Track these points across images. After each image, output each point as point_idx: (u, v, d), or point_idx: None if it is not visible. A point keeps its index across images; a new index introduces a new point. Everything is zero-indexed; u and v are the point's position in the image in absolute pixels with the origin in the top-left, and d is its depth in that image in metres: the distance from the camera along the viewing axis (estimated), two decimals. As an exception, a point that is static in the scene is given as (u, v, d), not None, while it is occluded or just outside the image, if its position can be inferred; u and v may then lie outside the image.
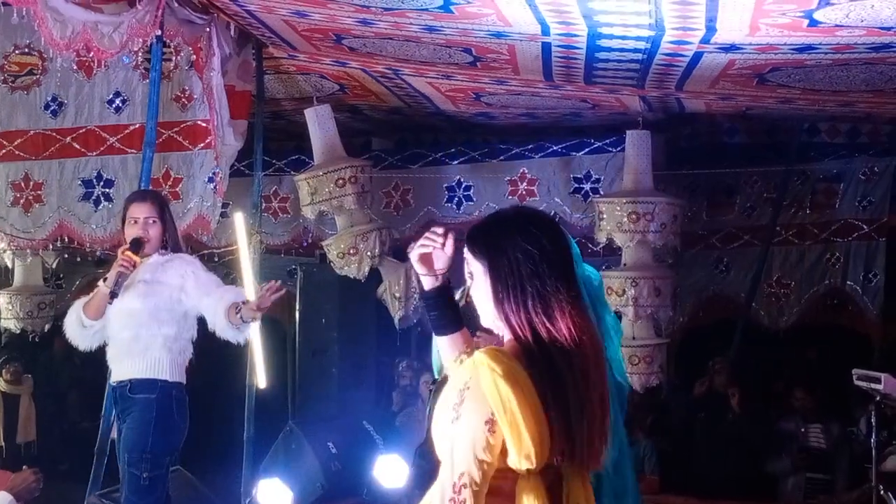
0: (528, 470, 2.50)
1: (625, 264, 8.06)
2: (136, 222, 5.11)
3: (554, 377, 2.52)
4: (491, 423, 2.46)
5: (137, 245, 5.10)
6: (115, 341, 5.20)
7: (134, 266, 5.06)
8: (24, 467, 5.30)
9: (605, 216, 7.95)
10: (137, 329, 5.15)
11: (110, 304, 5.06)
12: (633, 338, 7.99)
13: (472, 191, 9.19)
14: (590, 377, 2.57)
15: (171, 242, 5.24)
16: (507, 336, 2.62)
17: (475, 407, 2.48)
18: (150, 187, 6.04)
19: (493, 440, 2.46)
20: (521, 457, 2.47)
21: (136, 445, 5.09)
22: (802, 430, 7.97)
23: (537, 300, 2.55)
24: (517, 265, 2.56)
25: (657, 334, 8.27)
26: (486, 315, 2.66)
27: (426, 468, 6.45)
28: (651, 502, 7.19)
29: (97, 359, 6.09)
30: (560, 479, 2.58)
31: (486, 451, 2.46)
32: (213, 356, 9.98)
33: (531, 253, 2.56)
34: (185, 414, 5.19)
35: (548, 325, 2.54)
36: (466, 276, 2.67)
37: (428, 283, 2.87)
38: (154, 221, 5.14)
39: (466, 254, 2.66)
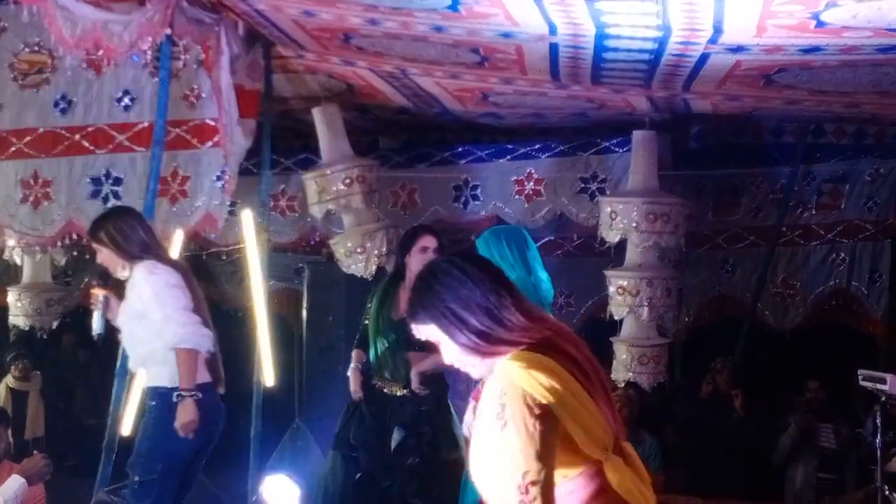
0: (605, 453, 2.60)
1: (640, 265, 8.07)
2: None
3: (569, 360, 2.63)
4: (539, 415, 2.50)
5: (103, 277, 5.32)
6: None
7: (107, 300, 5.32)
8: (34, 452, 5.38)
9: (618, 216, 7.95)
10: (134, 348, 5.32)
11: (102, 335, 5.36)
12: (648, 338, 8.02)
13: (479, 190, 9.21)
14: (582, 353, 2.71)
15: (128, 253, 5.28)
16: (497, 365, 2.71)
17: (518, 404, 2.52)
18: (159, 185, 6.08)
19: (544, 428, 2.50)
20: (594, 441, 2.57)
21: (135, 448, 5.21)
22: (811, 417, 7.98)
23: (488, 318, 2.70)
24: (452, 310, 2.72)
25: (661, 334, 8.30)
26: (466, 362, 2.78)
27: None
28: (659, 502, 7.19)
29: (104, 355, 6.15)
30: (623, 454, 2.72)
31: (543, 444, 2.49)
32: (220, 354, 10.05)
33: (457, 294, 2.72)
34: None
35: (512, 335, 2.69)
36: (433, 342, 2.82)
37: None
38: (97, 249, 5.31)
39: (415, 329, 2.84)
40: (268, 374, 7.42)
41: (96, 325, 5.34)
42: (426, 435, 6.36)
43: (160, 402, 5.16)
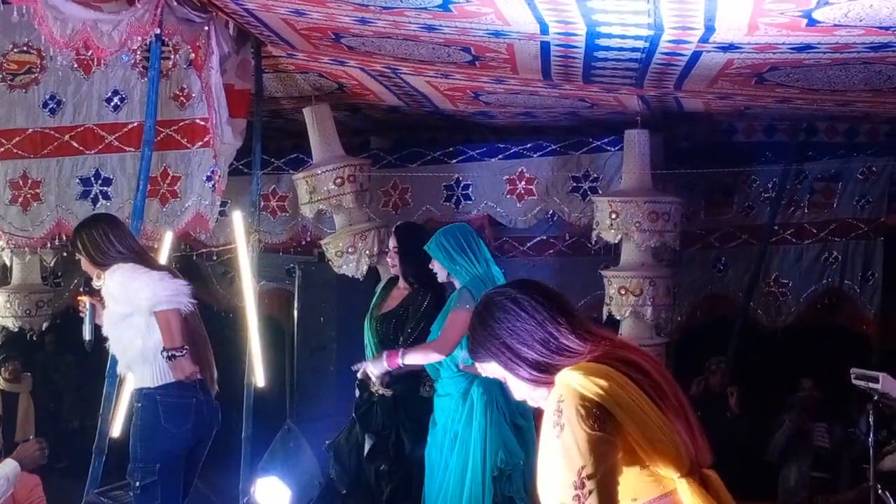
0: (680, 473, 2.50)
1: (642, 264, 8.06)
2: None
3: (635, 370, 2.57)
4: (597, 415, 2.45)
5: (89, 283, 5.42)
6: None
7: (94, 307, 5.36)
8: (30, 438, 5.39)
9: (619, 215, 7.94)
10: (120, 353, 5.32)
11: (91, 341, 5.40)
12: (651, 337, 8.01)
13: (470, 189, 9.19)
14: (652, 365, 2.63)
15: (98, 262, 5.30)
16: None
17: (574, 405, 2.47)
18: (149, 186, 6.05)
19: (602, 426, 2.44)
20: (664, 458, 2.48)
21: (130, 455, 5.20)
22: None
23: (546, 353, 2.65)
24: (508, 346, 2.69)
25: (657, 333, 8.30)
26: (536, 396, 2.72)
27: None
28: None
29: (93, 357, 6.12)
30: (705, 483, 2.58)
31: (601, 441, 2.44)
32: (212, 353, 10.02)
33: (511, 329, 2.69)
34: (178, 416, 5.18)
35: (569, 362, 2.61)
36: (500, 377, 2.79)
37: None
38: (76, 256, 5.38)
39: (480, 367, 2.80)
40: (259, 374, 7.41)
41: (86, 332, 5.35)
42: (391, 437, 6.35)
43: (147, 402, 5.16)
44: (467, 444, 5.63)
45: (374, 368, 5.89)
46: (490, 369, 2.76)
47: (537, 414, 2.69)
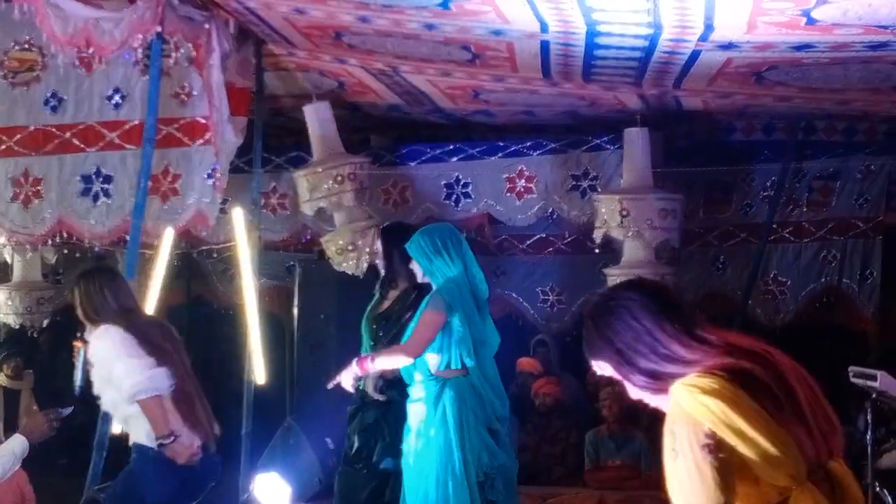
0: (794, 482, 2.45)
1: (647, 262, 8.08)
2: None
3: (753, 381, 2.51)
4: (708, 446, 2.41)
5: (82, 329, 5.37)
6: None
7: (86, 354, 5.30)
8: (40, 412, 5.40)
9: (631, 213, 7.94)
10: (112, 410, 5.40)
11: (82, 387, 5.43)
12: None
13: (470, 188, 9.19)
14: (773, 370, 2.59)
15: (90, 315, 5.32)
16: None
17: (688, 433, 2.43)
18: (150, 183, 6.07)
19: (715, 459, 2.40)
20: (776, 470, 2.43)
21: (110, 490, 5.33)
22: None
23: (657, 360, 2.61)
24: (620, 352, 2.66)
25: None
26: (653, 400, 2.69)
27: None
28: (650, 498, 7.21)
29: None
30: (829, 478, 2.53)
31: (717, 476, 2.39)
32: (211, 352, 10.05)
33: (623, 336, 2.65)
34: (167, 476, 5.16)
35: (682, 370, 2.57)
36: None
37: None
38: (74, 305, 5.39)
39: (595, 367, 2.76)
40: (259, 372, 7.42)
41: (77, 378, 5.34)
42: (369, 443, 6.31)
43: (139, 455, 5.22)
44: (443, 451, 5.51)
45: (346, 377, 5.71)
46: (608, 373, 2.73)
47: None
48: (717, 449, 2.41)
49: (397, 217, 8.88)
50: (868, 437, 6.42)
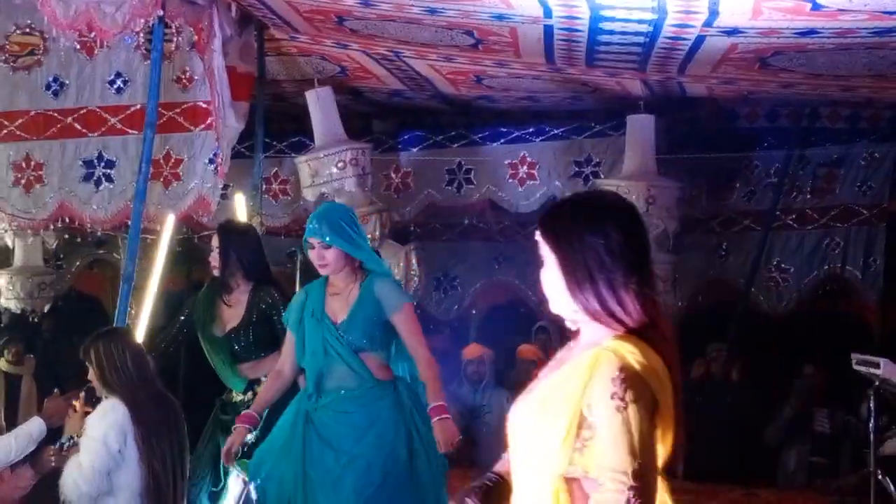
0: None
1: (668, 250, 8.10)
2: None
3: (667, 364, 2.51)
4: (653, 409, 2.43)
5: (90, 393, 5.07)
6: None
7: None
8: (55, 391, 5.34)
9: (657, 201, 7.93)
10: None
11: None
12: None
13: (472, 174, 9.19)
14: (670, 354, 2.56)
15: (108, 378, 4.96)
16: (584, 324, 2.60)
17: (639, 394, 2.40)
18: (151, 168, 6.05)
19: (654, 422, 2.44)
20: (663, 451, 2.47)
21: None
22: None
23: (609, 290, 2.52)
24: (584, 259, 2.55)
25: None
26: (557, 302, 2.64)
27: None
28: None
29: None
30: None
31: (652, 443, 2.42)
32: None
33: (597, 246, 2.53)
34: None
35: (621, 315, 2.52)
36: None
37: None
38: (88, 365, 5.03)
39: (538, 238, 2.67)
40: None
41: (65, 438, 5.01)
42: None
43: None
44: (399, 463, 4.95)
45: (451, 434, 4.82)
46: (543, 253, 2.65)
47: None
48: (655, 419, 2.46)
49: (399, 203, 8.89)
50: (871, 425, 6.42)
